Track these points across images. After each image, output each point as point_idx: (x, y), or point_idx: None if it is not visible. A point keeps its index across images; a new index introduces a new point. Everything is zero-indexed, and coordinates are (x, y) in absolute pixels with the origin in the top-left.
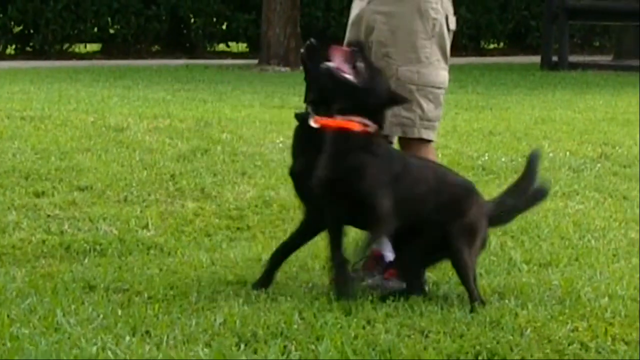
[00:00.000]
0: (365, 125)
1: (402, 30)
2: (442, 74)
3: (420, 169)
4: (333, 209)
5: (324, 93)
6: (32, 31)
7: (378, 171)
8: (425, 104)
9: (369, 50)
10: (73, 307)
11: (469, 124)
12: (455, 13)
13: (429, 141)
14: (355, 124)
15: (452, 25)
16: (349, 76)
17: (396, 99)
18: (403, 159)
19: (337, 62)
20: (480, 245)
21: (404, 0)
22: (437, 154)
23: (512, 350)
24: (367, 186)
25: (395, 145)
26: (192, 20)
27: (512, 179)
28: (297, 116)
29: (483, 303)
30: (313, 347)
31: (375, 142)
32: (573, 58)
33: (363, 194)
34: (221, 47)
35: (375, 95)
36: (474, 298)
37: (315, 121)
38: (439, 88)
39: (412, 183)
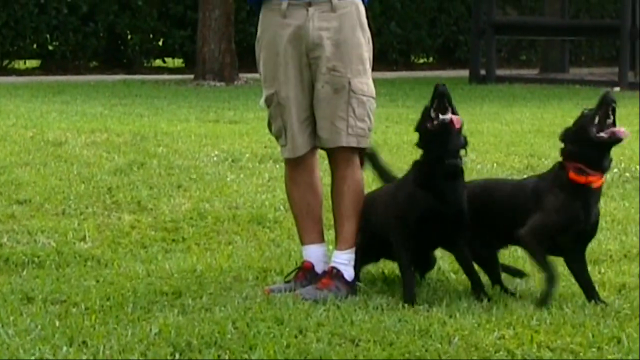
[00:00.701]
0: None
1: (348, 44)
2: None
3: None
4: None
5: None
6: None
7: None
8: (372, 115)
9: (310, 68)
10: (11, 318)
11: (399, 136)
12: (386, 29)
13: (361, 150)
14: None
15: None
16: None
17: None
18: None
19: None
20: None
21: (346, 14)
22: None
23: (440, 357)
24: None
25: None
26: (129, 36)
27: None
28: None
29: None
30: (246, 356)
31: None
32: (500, 72)
33: None
34: (158, 62)
35: None
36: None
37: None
38: (375, 98)
39: None
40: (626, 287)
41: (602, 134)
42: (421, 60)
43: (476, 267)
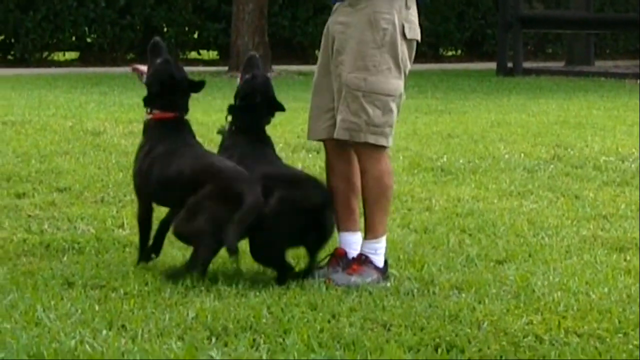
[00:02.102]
0: None
1: (354, 40)
2: (392, 82)
3: None
4: None
5: None
6: (13, 40)
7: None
8: (371, 110)
9: (329, 57)
10: (52, 302)
11: (429, 127)
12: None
13: (381, 146)
14: None
15: (410, 34)
16: None
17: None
18: None
19: None
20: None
21: (358, 11)
22: (399, 156)
23: (470, 342)
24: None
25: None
26: (165, 29)
27: (470, 179)
28: None
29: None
30: (281, 340)
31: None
32: (527, 64)
33: None
34: (193, 54)
35: None
36: None
37: None
38: (388, 95)
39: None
40: None
41: None
42: (449, 53)
43: None
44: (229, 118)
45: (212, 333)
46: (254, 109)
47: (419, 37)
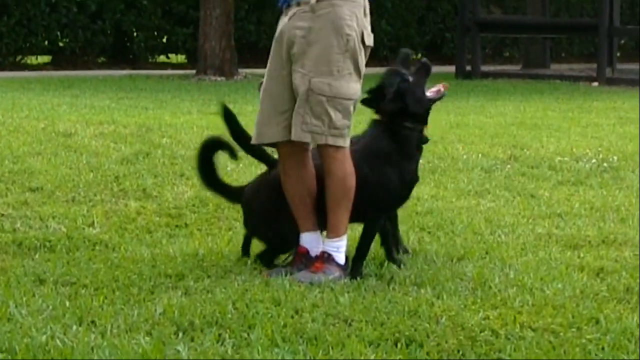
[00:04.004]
0: None
1: (318, 45)
2: (352, 87)
3: None
4: None
5: None
6: None
7: None
8: (333, 114)
9: (287, 63)
10: (24, 299)
11: None
12: (376, 26)
13: (341, 147)
14: None
15: (368, 40)
16: None
17: None
18: None
19: None
20: None
21: (320, 16)
22: None
23: (428, 337)
24: None
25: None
26: (135, 34)
27: (429, 179)
28: None
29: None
30: (245, 335)
31: None
32: (485, 68)
33: None
34: (162, 58)
35: None
36: None
37: None
38: (349, 99)
39: None
40: (604, 270)
41: None
42: None
43: None
44: None
45: (179, 328)
46: None
47: (372, 44)
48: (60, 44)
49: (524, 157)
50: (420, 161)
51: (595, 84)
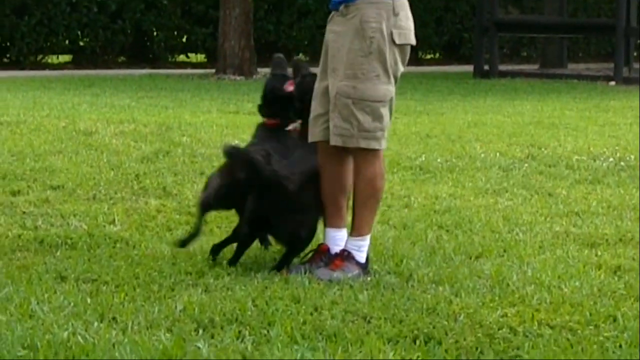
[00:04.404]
0: None
1: (344, 48)
2: (381, 89)
3: None
4: None
5: None
6: (8, 44)
7: None
8: (361, 117)
9: (326, 64)
10: (46, 296)
11: (408, 127)
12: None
13: (373, 150)
14: None
15: (400, 39)
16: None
17: None
18: None
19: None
20: None
21: (348, 20)
22: None
23: (446, 334)
24: None
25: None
26: (155, 33)
27: (447, 177)
28: None
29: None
30: (265, 331)
31: None
32: (502, 67)
33: None
34: (181, 58)
35: None
36: None
37: None
38: (377, 102)
39: None
40: (621, 268)
41: None
42: (428, 56)
43: None
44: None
45: (199, 325)
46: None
47: (411, 41)
48: (81, 44)
49: (542, 156)
50: (438, 160)
51: (612, 83)
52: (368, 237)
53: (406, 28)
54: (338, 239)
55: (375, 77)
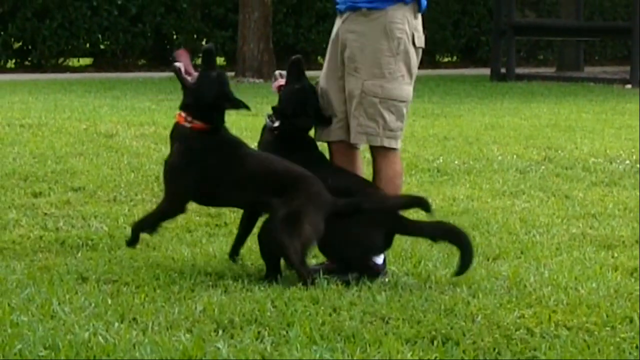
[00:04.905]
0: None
1: (369, 48)
2: (405, 89)
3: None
4: None
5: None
6: (30, 47)
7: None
8: (387, 116)
9: (344, 66)
10: (67, 296)
11: (425, 130)
12: None
13: (394, 149)
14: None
15: (419, 42)
16: (187, 77)
17: (231, 103)
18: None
19: (184, 62)
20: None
21: (372, 20)
22: None
23: (464, 335)
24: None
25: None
26: (175, 36)
27: (465, 179)
28: None
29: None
30: (284, 332)
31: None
32: (519, 70)
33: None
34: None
35: (201, 96)
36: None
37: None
38: (402, 102)
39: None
40: (637, 270)
41: None
42: (445, 59)
43: None
44: None
45: (219, 326)
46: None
47: (424, 45)
48: (102, 47)
49: (558, 159)
50: (456, 162)
51: (629, 86)
52: None
53: (421, 31)
54: None
55: (401, 77)
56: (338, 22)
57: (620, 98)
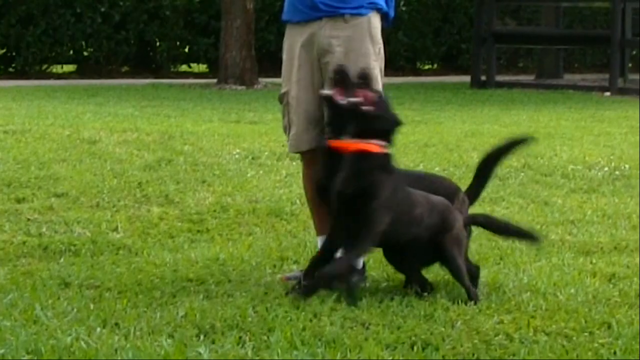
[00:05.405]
0: (382, 146)
1: (356, 53)
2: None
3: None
4: (341, 221)
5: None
6: (14, 53)
7: (389, 191)
8: None
9: (322, 72)
10: (50, 301)
11: (406, 136)
12: (393, 37)
13: None
14: (374, 145)
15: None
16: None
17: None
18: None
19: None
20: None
21: (354, 26)
22: None
23: (444, 340)
24: (376, 204)
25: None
26: (158, 43)
27: None
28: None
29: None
30: (265, 337)
31: (392, 162)
32: (499, 78)
33: (368, 210)
34: (184, 68)
35: (388, 121)
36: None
37: (329, 144)
38: None
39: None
40: (616, 276)
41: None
42: (426, 67)
43: None
44: None
45: (200, 331)
46: None
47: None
48: (85, 54)
49: (538, 166)
50: (437, 168)
51: (608, 93)
52: None
53: None
54: None
55: (379, 81)
56: (305, 30)
57: (600, 105)
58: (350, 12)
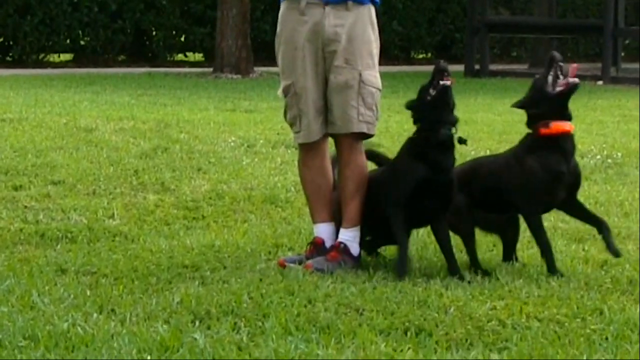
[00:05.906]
0: None
1: (360, 39)
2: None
3: None
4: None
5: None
6: (11, 43)
7: None
8: (378, 105)
9: (325, 60)
10: (47, 288)
11: (400, 125)
12: (388, 27)
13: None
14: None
15: None
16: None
17: None
18: None
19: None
20: None
21: (359, 12)
22: None
23: (437, 326)
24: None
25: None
26: (154, 33)
27: None
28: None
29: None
30: (260, 323)
31: None
32: (493, 67)
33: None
34: (180, 57)
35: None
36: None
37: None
38: (380, 91)
39: None
40: (607, 263)
41: (559, 88)
42: (420, 56)
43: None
44: None
45: (195, 317)
46: None
47: None
48: (82, 43)
49: None
50: None
51: (600, 82)
52: (359, 227)
53: None
54: (331, 232)
55: (377, 67)
56: (307, 20)
57: (592, 94)
58: (353, 0)
